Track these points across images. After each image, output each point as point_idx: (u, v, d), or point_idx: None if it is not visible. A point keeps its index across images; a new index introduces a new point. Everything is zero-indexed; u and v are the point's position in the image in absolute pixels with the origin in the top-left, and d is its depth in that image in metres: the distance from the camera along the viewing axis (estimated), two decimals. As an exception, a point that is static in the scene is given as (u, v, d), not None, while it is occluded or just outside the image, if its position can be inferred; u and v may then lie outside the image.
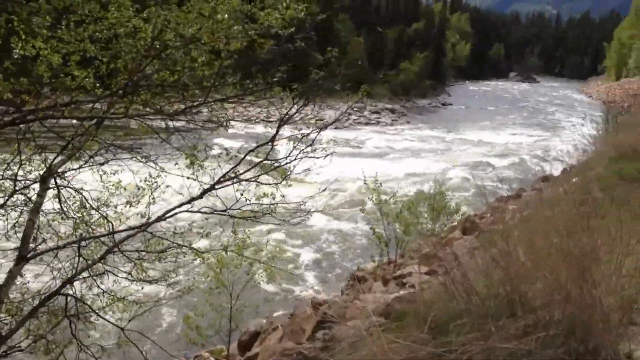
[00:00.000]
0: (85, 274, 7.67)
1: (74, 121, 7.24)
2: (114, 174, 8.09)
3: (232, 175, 8.13)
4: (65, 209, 7.61)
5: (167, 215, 7.77)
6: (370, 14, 79.98)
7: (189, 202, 7.86)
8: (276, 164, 8.55)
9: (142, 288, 8.31)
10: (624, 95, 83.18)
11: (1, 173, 6.85)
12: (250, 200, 8.80)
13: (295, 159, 8.23)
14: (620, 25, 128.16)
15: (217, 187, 7.96)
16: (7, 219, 7.17)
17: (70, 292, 7.57)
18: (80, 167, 7.41)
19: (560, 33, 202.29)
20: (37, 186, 7.06)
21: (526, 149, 41.85)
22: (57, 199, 7.45)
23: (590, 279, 4.82)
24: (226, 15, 8.00)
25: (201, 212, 8.33)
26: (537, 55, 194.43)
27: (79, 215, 7.71)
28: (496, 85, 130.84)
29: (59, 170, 7.14)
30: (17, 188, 6.91)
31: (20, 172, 7.00)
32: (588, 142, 21.84)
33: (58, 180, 7.31)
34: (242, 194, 8.47)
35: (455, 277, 5.45)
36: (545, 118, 65.16)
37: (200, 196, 7.90)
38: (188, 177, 8.12)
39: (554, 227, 7.12)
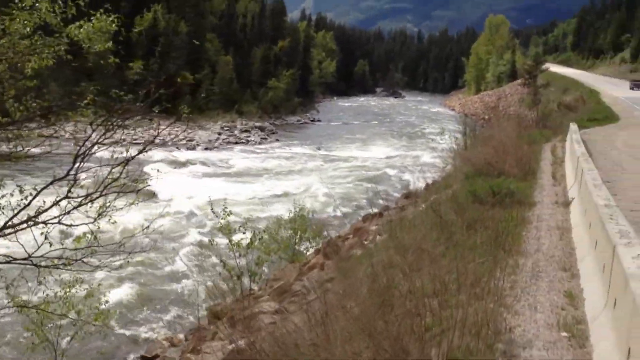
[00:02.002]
0: None
1: None
2: None
3: (28, 217, 6.71)
4: None
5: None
6: (236, 33, 79.38)
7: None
8: (87, 199, 7.18)
9: None
10: (484, 107, 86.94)
11: None
12: (63, 243, 7.42)
13: (100, 195, 6.89)
14: (476, 41, 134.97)
15: (6, 232, 6.52)
16: None
17: None
18: None
19: (422, 49, 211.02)
20: None
21: (392, 163, 42.21)
22: None
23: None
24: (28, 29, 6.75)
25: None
26: (402, 71, 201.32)
27: None
28: (364, 100, 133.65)
29: None
30: None
31: None
32: (449, 156, 21.90)
33: None
34: (46, 238, 7.06)
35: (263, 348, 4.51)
36: (411, 132, 66.75)
37: (-18, 246, 6.44)
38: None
39: (399, 265, 6.33)
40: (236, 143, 53.68)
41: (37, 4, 6.81)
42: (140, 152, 7.07)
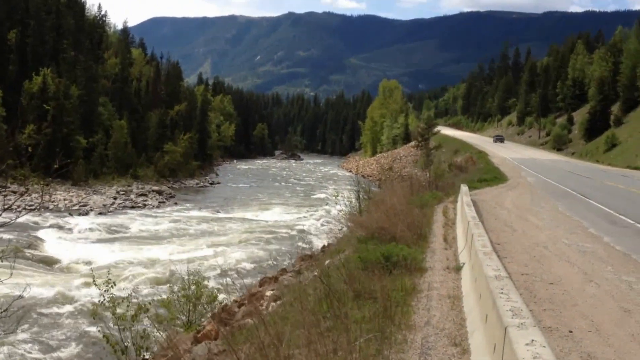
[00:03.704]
0: None
1: None
2: None
3: None
4: None
5: None
6: (130, 97, 78.07)
7: None
8: None
9: None
10: (379, 169, 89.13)
11: None
12: None
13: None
14: (371, 104, 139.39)
15: None
16: None
17: None
18: None
19: (320, 112, 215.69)
20: None
21: (290, 225, 42.01)
22: None
23: None
24: None
25: None
26: (300, 134, 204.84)
27: None
28: (263, 163, 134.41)
29: None
30: None
31: None
32: (344, 219, 21.84)
33: None
34: None
35: None
36: (308, 194, 67.18)
37: None
38: None
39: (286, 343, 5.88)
40: (132, 207, 51.89)
41: None
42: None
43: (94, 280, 12.67)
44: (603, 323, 7.96)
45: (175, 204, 56.42)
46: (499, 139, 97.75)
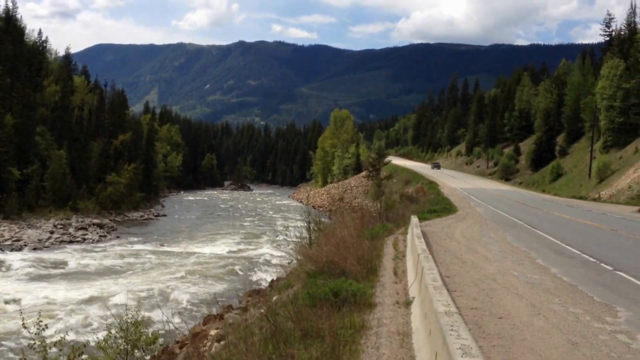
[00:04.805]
0: None
1: None
2: None
3: None
4: None
5: None
6: (71, 126, 75.61)
7: None
8: None
9: None
10: (330, 200, 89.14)
11: None
12: None
13: None
14: (322, 134, 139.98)
15: None
16: None
17: None
18: None
19: (270, 142, 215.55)
20: None
21: (238, 258, 41.28)
22: None
23: None
24: None
25: None
26: (250, 164, 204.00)
27: None
28: (211, 194, 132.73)
29: None
30: None
31: None
32: (293, 252, 21.39)
33: None
34: None
35: None
36: (257, 226, 66.35)
37: None
38: None
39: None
40: (70, 242, 49.81)
41: None
42: None
43: (23, 322, 11.89)
44: (551, 357, 7.84)
45: (118, 237, 54.67)
46: (436, 165, 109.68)
